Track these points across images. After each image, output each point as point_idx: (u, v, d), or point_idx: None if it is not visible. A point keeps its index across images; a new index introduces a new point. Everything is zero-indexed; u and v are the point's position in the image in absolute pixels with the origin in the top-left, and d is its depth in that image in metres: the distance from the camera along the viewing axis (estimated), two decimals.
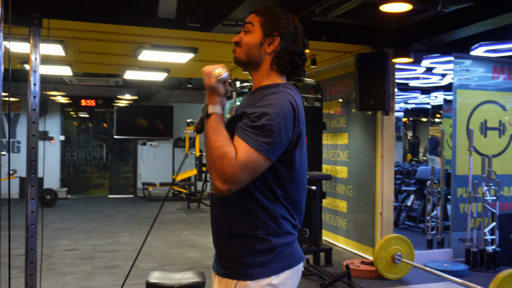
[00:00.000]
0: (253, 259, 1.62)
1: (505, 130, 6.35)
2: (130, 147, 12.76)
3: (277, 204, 1.65)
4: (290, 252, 1.68)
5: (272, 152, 1.55)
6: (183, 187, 11.52)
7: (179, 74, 8.65)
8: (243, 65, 1.78)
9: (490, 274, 5.47)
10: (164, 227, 8.20)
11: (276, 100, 1.59)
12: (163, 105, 12.63)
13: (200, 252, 6.46)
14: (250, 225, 1.62)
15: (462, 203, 6.12)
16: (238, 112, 1.66)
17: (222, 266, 1.70)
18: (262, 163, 1.54)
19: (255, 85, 1.78)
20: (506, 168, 6.28)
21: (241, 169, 1.50)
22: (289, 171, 1.65)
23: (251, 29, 1.74)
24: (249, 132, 1.53)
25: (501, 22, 4.63)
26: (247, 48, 1.73)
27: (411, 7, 3.23)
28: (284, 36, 1.72)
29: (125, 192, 12.59)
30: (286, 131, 1.57)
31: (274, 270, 1.63)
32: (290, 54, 1.73)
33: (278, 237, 1.64)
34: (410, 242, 5.25)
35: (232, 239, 1.66)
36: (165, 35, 5.48)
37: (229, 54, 6.64)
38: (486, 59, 6.21)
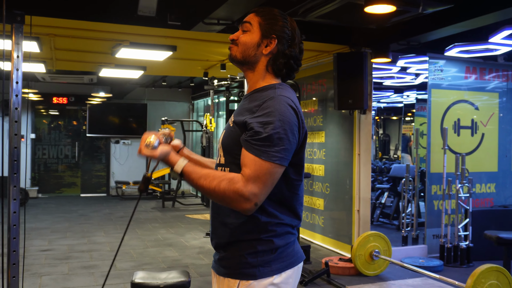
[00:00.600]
0: (255, 259, 1.64)
1: (477, 129, 6.53)
2: (101, 145, 12.57)
3: (283, 208, 1.68)
4: (291, 252, 1.70)
5: (285, 159, 1.58)
6: (157, 186, 11.44)
7: (155, 72, 8.58)
8: (238, 63, 1.78)
9: (464, 269, 5.64)
10: (140, 226, 8.13)
11: (276, 106, 1.59)
12: (137, 103, 12.49)
13: (178, 251, 6.43)
14: (253, 230, 1.65)
15: (436, 200, 6.27)
16: (239, 119, 1.66)
17: (224, 266, 1.70)
18: (278, 172, 1.58)
19: (251, 87, 1.79)
20: (477, 166, 6.46)
21: (255, 183, 1.53)
22: (299, 171, 1.68)
23: (250, 28, 1.75)
24: (259, 146, 1.55)
25: (475, 24, 4.76)
26: (244, 47, 1.74)
27: (394, 8, 3.30)
28: (282, 39, 1.73)
29: (97, 191, 12.41)
30: (293, 135, 1.60)
31: (276, 269, 1.65)
32: (286, 57, 1.74)
33: (280, 237, 1.67)
34: (388, 239, 5.35)
35: (235, 242, 1.67)
36: (144, 32, 5.43)
37: (207, 52, 6.66)
38: (459, 60, 6.37)
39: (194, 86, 11.56)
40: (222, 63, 7.10)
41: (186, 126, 11.43)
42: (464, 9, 4.44)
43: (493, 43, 5.51)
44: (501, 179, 6.69)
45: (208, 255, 6.20)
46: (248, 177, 1.53)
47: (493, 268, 3.92)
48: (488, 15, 4.47)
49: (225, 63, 7.11)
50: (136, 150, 11.90)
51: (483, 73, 6.58)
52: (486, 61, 6.54)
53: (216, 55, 6.70)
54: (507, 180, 6.74)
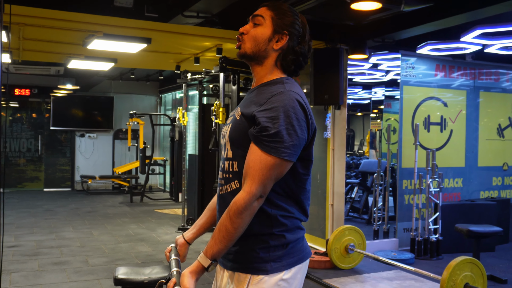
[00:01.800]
0: (267, 254, 1.63)
1: (446, 125, 6.70)
2: (63, 138, 12.23)
3: (290, 202, 1.68)
4: (300, 247, 1.70)
5: (294, 154, 1.59)
6: (125, 180, 11.25)
7: (126, 64, 8.42)
8: (247, 58, 1.75)
9: (434, 262, 5.79)
10: (109, 221, 7.98)
11: (285, 101, 1.59)
12: (103, 96, 12.24)
13: (151, 246, 6.35)
14: (265, 224, 1.64)
15: (407, 195, 6.41)
16: (247, 112, 1.65)
17: (233, 261, 1.69)
18: (285, 167, 1.59)
19: (258, 81, 1.76)
20: (446, 161, 6.63)
21: (259, 180, 1.55)
22: (307, 166, 1.68)
23: (262, 22, 1.72)
24: (268, 142, 1.55)
25: (449, 23, 4.88)
26: (255, 41, 1.72)
27: (380, 5, 3.34)
28: (293, 35, 1.71)
29: (62, 186, 12.11)
30: (302, 130, 1.59)
31: (287, 264, 1.65)
32: (296, 54, 1.73)
33: (291, 232, 1.67)
34: (362, 233, 5.44)
35: (246, 237, 1.65)
36: (119, 24, 5.31)
37: (181, 45, 6.58)
38: (430, 57, 6.51)
39: (163, 80, 11.41)
40: (196, 56, 7.03)
41: (154, 120, 11.28)
42: (440, 8, 4.54)
43: (464, 42, 5.65)
44: (468, 174, 6.90)
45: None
46: (251, 181, 1.55)
47: (467, 260, 4.04)
48: (461, 15, 4.60)
49: (199, 57, 7.04)
50: (102, 144, 11.72)
51: (452, 71, 6.75)
52: (454, 59, 6.71)
53: (191, 48, 6.63)
54: (473, 175, 6.96)
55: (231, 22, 5.27)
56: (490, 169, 7.12)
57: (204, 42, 6.25)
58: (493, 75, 7.12)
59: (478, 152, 7.00)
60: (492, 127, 7.16)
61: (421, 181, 6.00)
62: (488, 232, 5.04)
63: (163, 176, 12.10)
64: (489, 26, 4.96)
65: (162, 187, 12.45)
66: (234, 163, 1.68)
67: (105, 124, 12.24)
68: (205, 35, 5.79)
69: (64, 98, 11.77)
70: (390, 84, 9.70)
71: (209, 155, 7.28)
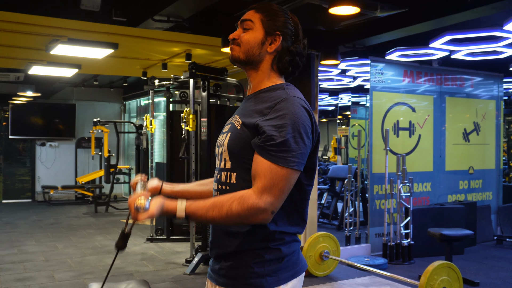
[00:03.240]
0: (262, 269, 1.55)
1: (414, 130, 6.78)
2: (21, 148, 11.77)
3: (292, 216, 1.60)
4: (296, 260, 1.62)
5: (302, 163, 1.52)
6: (89, 190, 10.92)
7: (90, 70, 8.18)
8: (241, 64, 1.67)
9: (406, 266, 5.82)
10: (73, 233, 7.70)
11: (290, 108, 1.51)
12: (64, 103, 11.87)
13: (119, 258, 6.13)
14: (261, 239, 1.56)
15: (378, 200, 6.43)
16: (249, 121, 1.56)
17: (227, 277, 1.59)
18: (294, 177, 1.51)
19: (255, 86, 1.68)
20: (415, 166, 6.70)
21: (270, 191, 1.46)
22: (311, 176, 1.60)
23: (252, 26, 1.64)
24: (275, 152, 1.47)
25: (420, 29, 4.92)
26: (247, 46, 1.64)
27: (358, 10, 3.31)
28: (286, 35, 1.64)
29: (21, 197, 11.64)
30: (308, 138, 1.52)
31: (283, 278, 1.57)
32: (292, 54, 1.66)
33: (287, 245, 1.59)
34: (336, 239, 5.41)
35: (240, 251, 1.56)
36: (84, 28, 5.14)
37: (149, 51, 6.43)
38: (398, 63, 6.58)
39: (127, 86, 11.16)
40: (164, 62, 6.89)
41: (119, 128, 11.01)
42: (411, 15, 4.57)
43: (433, 48, 5.73)
44: (436, 178, 6.99)
45: (152, 261, 5.97)
46: (263, 188, 1.46)
47: (444, 265, 4.05)
48: (430, 22, 4.64)
49: (167, 63, 6.90)
50: (64, 153, 11.33)
51: (419, 77, 6.84)
52: (422, 65, 6.80)
53: (159, 54, 6.49)
54: (441, 179, 7.06)
55: (201, 27, 5.18)
56: (457, 173, 7.25)
57: (173, 48, 6.13)
58: (458, 81, 7.26)
59: (445, 156, 7.11)
60: (458, 131, 7.29)
61: (392, 186, 6.03)
62: (460, 235, 5.09)
63: (129, 185, 11.82)
64: (458, 32, 5.04)
65: (127, 197, 12.15)
66: (232, 175, 1.59)
67: (67, 132, 11.88)
68: (174, 40, 5.68)
69: (24, 105, 11.36)
70: (356, 90, 9.80)
71: (177, 163, 7.13)
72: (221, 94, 6.42)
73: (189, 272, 5.40)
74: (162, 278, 5.23)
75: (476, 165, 7.43)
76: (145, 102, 11.63)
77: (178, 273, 5.43)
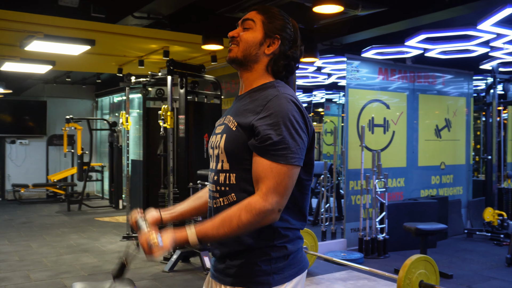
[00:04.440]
0: (269, 266, 1.57)
1: (388, 127, 6.92)
2: None
3: (293, 211, 1.62)
4: (300, 257, 1.65)
5: (301, 158, 1.54)
6: (61, 188, 10.75)
7: (65, 67, 8.05)
8: (237, 63, 1.68)
9: (382, 260, 5.95)
10: (47, 232, 7.58)
11: (282, 105, 1.54)
12: (35, 100, 11.63)
13: (96, 257, 6.08)
14: (267, 237, 1.58)
15: (353, 195, 6.54)
16: (244, 122, 1.57)
17: (232, 275, 1.60)
18: (296, 172, 1.54)
19: (247, 86, 1.70)
20: (389, 162, 6.84)
21: (275, 191, 1.49)
22: (309, 171, 1.63)
23: (253, 26, 1.67)
24: (274, 150, 1.50)
25: (396, 28, 5.04)
26: (246, 45, 1.65)
27: (342, 8, 3.37)
28: (284, 39, 1.67)
29: None
30: (304, 132, 1.55)
31: (288, 276, 1.60)
32: (288, 59, 1.68)
33: (292, 243, 1.62)
34: (314, 235, 5.49)
35: (247, 250, 1.58)
36: (61, 24, 5.06)
37: (127, 47, 6.38)
38: (373, 61, 6.70)
39: (100, 83, 11.01)
40: (141, 59, 6.84)
41: (91, 125, 10.85)
42: (388, 14, 4.67)
43: (408, 46, 5.86)
44: (409, 174, 7.16)
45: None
46: (267, 190, 1.48)
47: (421, 258, 4.16)
48: (406, 20, 4.76)
49: (143, 59, 6.85)
50: (35, 150, 11.10)
51: (393, 74, 6.98)
52: (396, 63, 6.94)
53: (136, 50, 6.44)
54: (414, 174, 7.23)
55: (180, 24, 5.17)
56: (429, 169, 7.43)
57: (151, 45, 6.10)
58: (430, 78, 7.44)
59: (418, 152, 7.28)
60: (430, 128, 7.48)
61: (368, 181, 6.15)
62: (435, 229, 5.24)
63: (101, 182, 11.68)
64: (433, 31, 5.17)
65: (100, 194, 12.00)
66: (231, 176, 1.60)
67: (38, 129, 11.65)
68: (153, 37, 5.65)
69: None
70: (330, 87, 9.92)
71: (154, 161, 7.09)
72: (199, 91, 6.41)
73: (168, 270, 5.40)
74: (141, 276, 5.21)
75: (447, 160, 7.64)
76: (118, 99, 11.50)
77: (156, 271, 5.42)
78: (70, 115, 9.92)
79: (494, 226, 6.94)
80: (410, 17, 4.63)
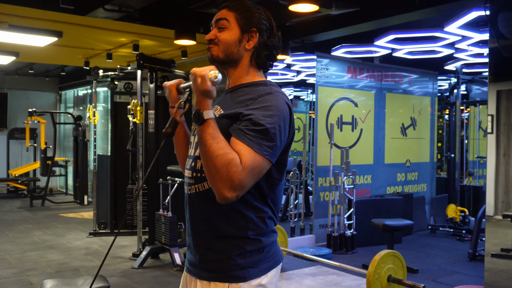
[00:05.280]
0: (244, 260, 1.58)
1: (356, 124, 7.02)
2: None
3: (264, 204, 1.63)
4: (275, 251, 1.67)
5: (274, 155, 1.54)
6: (22, 183, 10.46)
7: (28, 58, 7.82)
8: (221, 63, 1.69)
9: (349, 256, 6.05)
10: (9, 228, 7.37)
11: (274, 102, 1.55)
12: None
13: (62, 253, 5.96)
14: (240, 226, 1.58)
15: (322, 192, 6.62)
16: (230, 111, 1.58)
17: (208, 270, 1.61)
18: (266, 167, 1.52)
19: (234, 81, 1.71)
20: (357, 159, 6.95)
21: (247, 174, 1.46)
22: (281, 171, 1.64)
23: (227, 25, 1.67)
24: (253, 137, 1.49)
25: (366, 28, 5.12)
26: (225, 45, 1.66)
27: (317, 7, 3.40)
28: (261, 31, 1.68)
29: None
30: (285, 133, 1.56)
31: (263, 269, 1.61)
32: (269, 49, 1.70)
33: (266, 236, 1.63)
34: (285, 231, 5.53)
35: (221, 241, 1.59)
36: (28, 15, 4.91)
37: (95, 40, 6.26)
38: (342, 59, 6.78)
39: (64, 75, 10.75)
40: (109, 52, 6.71)
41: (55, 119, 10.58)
42: (359, 14, 4.74)
43: (377, 46, 5.96)
44: (376, 171, 7.30)
45: (97, 256, 5.84)
46: (245, 167, 1.45)
47: (390, 254, 4.25)
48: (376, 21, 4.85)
49: (112, 53, 6.73)
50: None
51: (362, 73, 7.09)
52: (364, 62, 7.05)
53: (104, 43, 6.32)
54: (380, 172, 7.37)
55: (151, 18, 5.10)
56: (395, 166, 7.59)
57: (120, 38, 5.99)
58: (397, 77, 7.59)
59: (385, 150, 7.43)
60: (397, 126, 7.63)
61: (336, 178, 6.24)
62: (402, 225, 5.36)
63: (65, 178, 11.42)
64: (402, 32, 5.27)
65: (63, 190, 11.74)
66: None
67: None
68: (123, 30, 5.55)
69: None
70: (298, 84, 9.99)
71: (122, 156, 6.99)
72: None
73: (137, 266, 5.34)
74: (110, 273, 5.13)
75: (412, 158, 7.82)
76: (83, 92, 11.26)
77: (126, 267, 5.35)
78: (32, 108, 9.65)
79: (456, 222, 7.15)
80: (380, 18, 4.71)
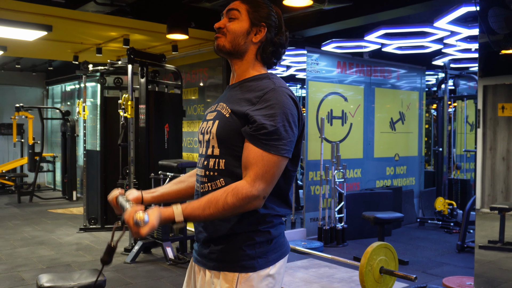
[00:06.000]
0: (253, 251, 1.61)
1: (346, 119, 7.07)
2: None
3: (279, 200, 1.67)
4: (283, 241, 1.70)
5: (290, 151, 1.59)
6: (10, 179, 10.36)
7: (16, 53, 7.74)
8: (226, 54, 1.71)
9: (340, 248, 6.11)
10: None
11: (278, 98, 1.58)
12: None
13: (53, 249, 5.93)
14: (251, 222, 1.61)
15: (313, 186, 6.66)
16: (238, 109, 1.60)
17: (218, 260, 1.64)
18: (284, 164, 1.57)
19: (239, 75, 1.73)
20: (347, 153, 7.01)
21: (262, 178, 1.52)
22: (296, 162, 1.67)
23: (238, 16, 1.69)
24: (266, 140, 1.53)
25: (357, 23, 5.16)
26: (233, 36, 1.68)
27: (311, 2, 3.42)
28: (270, 27, 1.70)
29: None
30: (296, 126, 1.60)
31: (272, 260, 1.64)
32: (275, 45, 1.72)
33: (275, 228, 1.66)
34: None
35: (232, 235, 1.62)
36: (17, 8, 4.86)
37: (85, 34, 6.22)
38: (332, 54, 6.82)
39: (51, 70, 10.65)
40: (99, 47, 6.67)
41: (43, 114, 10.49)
42: (352, 9, 4.78)
43: (367, 41, 6.00)
44: (365, 165, 7.36)
45: (88, 251, 5.82)
46: (255, 176, 1.51)
47: (382, 245, 4.28)
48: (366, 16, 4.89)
49: (102, 47, 6.69)
50: None
51: (351, 68, 7.13)
52: (353, 56, 7.09)
53: (94, 38, 6.28)
54: (370, 165, 7.44)
55: (142, 12, 5.08)
56: (384, 160, 7.66)
57: (110, 32, 5.96)
58: (386, 72, 7.65)
59: (374, 144, 7.49)
60: (386, 120, 7.70)
61: (327, 172, 6.29)
62: (392, 218, 5.43)
63: (53, 173, 11.34)
64: (392, 27, 5.32)
65: (51, 186, 11.66)
66: (221, 161, 1.63)
67: None
68: (113, 25, 5.52)
69: None
70: (288, 79, 10.01)
71: (112, 151, 6.96)
72: (159, 81, 6.34)
73: (129, 261, 5.34)
74: None
75: (401, 152, 7.90)
76: (71, 87, 11.17)
77: (118, 262, 5.35)
78: (18, 103, 9.57)
79: (444, 215, 7.25)
80: (371, 13, 4.75)
